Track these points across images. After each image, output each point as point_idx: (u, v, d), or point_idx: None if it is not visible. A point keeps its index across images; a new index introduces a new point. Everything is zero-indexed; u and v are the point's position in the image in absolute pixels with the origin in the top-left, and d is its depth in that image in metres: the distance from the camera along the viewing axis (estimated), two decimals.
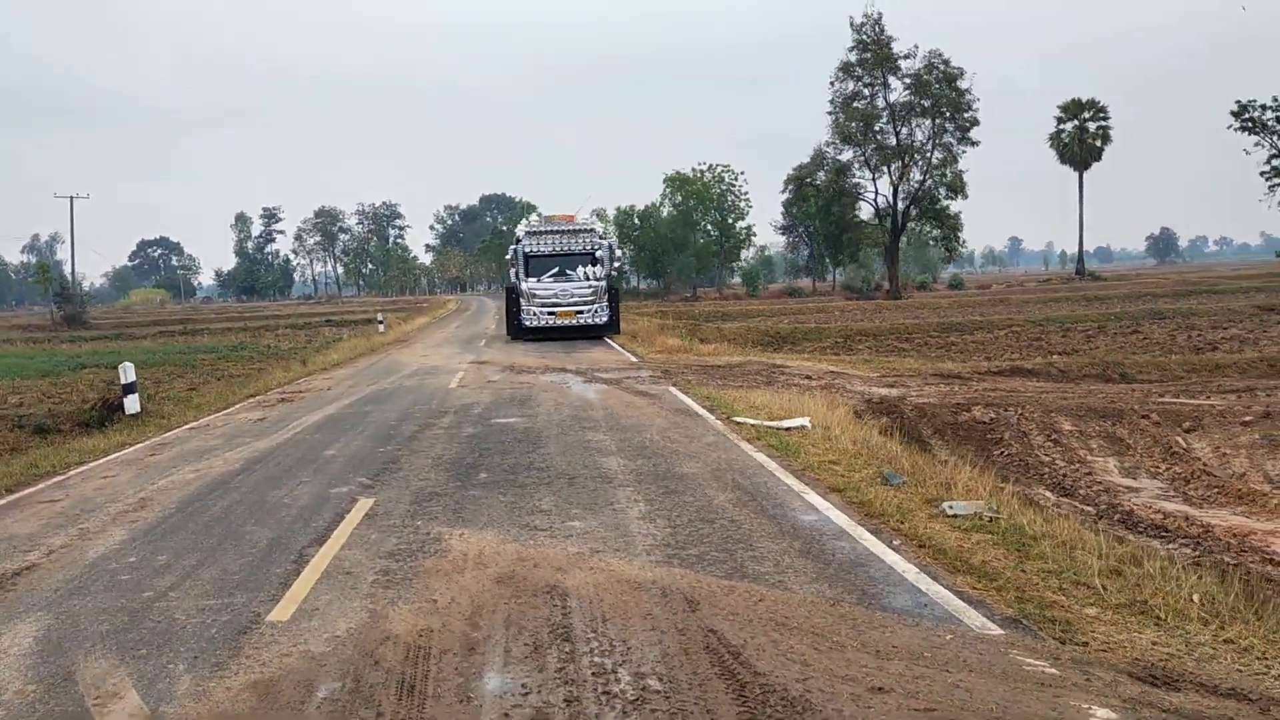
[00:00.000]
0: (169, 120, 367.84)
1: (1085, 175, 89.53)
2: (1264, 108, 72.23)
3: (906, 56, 68.36)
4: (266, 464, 11.51)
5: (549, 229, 32.36)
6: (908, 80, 68.27)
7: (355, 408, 16.63)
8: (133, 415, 16.64)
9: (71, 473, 11.91)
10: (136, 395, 16.99)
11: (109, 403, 17.43)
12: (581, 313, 31.74)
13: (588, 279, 31.82)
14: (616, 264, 32.48)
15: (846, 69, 69.79)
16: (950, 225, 69.39)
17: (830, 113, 70.46)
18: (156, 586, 6.74)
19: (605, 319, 32.11)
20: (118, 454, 13.26)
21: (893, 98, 69.33)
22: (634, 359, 24.17)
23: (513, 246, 33.67)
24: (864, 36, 68.75)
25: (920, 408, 17.60)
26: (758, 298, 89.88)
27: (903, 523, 7.48)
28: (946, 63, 67.85)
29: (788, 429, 12.57)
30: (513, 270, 33.54)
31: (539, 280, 31.75)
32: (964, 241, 73.40)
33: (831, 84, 70.48)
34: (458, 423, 14.09)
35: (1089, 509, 12.53)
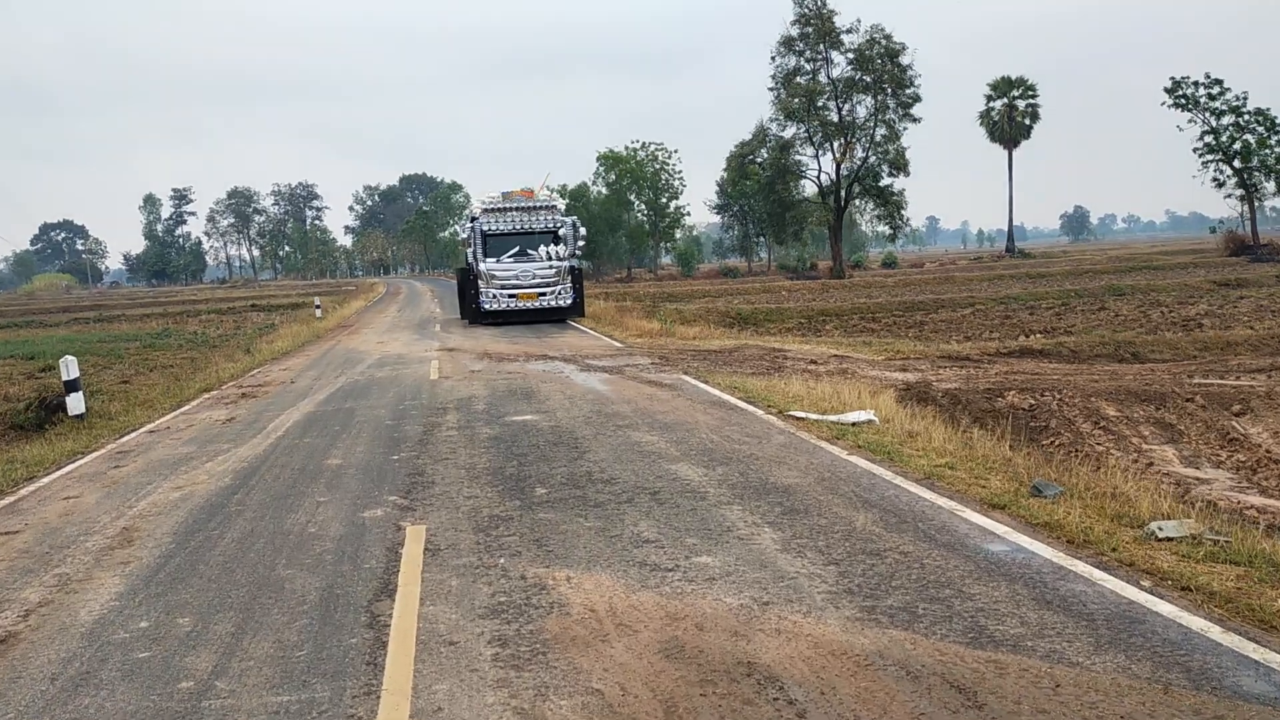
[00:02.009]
0: (70, 100, 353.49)
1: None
2: (1197, 84, 72.85)
3: (849, 31, 67.38)
4: (262, 478, 9.68)
5: (508, 206, 30.43)
6: (850, 55, 67.28)
7: (334, 404, 14.75)
8: (77, 416, 14.55)
9: (22, 492, 9.94)
10: (80, 394, 14.87)
11: (47, 402, 15.29)
12: (544, 294, 29.94)
13: (550, 259, 30.00)
14: (580, 243, 30.65)
15: (788, 43, 68.56)
16: (894, 203, 68.68)
17: (772, 88, 69.28)
18: (194, 671, 4.99)
19: (569, 301, 30.34)
20: (72, 465, 11.27)
21: (835, 73, 68.36)
22: (617, 344, 22.52)
23: (469, 224, 31.70)
24: (806, 9, 67.57)
25: (952, 394, 16.33)
26: (693, 278, 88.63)
27: (1121, 552, 6.05)
28: (889, 38, 67.02)
29: (854, 424, 11.12)
30: (469, 250, 31.59)
31: (498, 260, 29.83)
32: (908, 219, 72.84)
33: (772, 59, 69.27)
34: (467, 421, 12.35)
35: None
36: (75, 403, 14.73)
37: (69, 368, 14.76)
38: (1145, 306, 37.09)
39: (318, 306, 43.70)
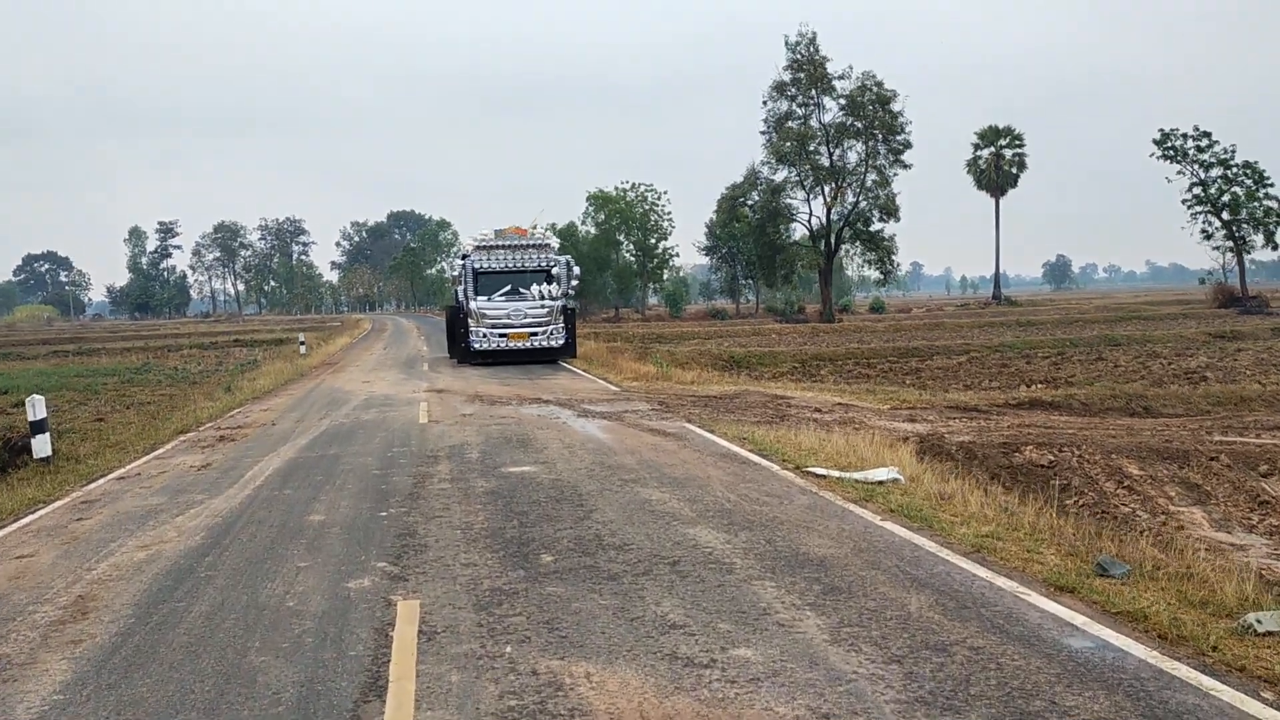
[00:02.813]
0: (56, 131, 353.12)
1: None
2: (1185, 137, 73.07)
3: (841, 77, 67.36)
4: (237, 536, 8.81)
5: (500, 243, 29.71)
6: (842, 101, 67.18)
7: (318, 450, 13.89)
8: (42, 460, 13.63)
9: None
10: (47, 435, 13.96)
11: (11, 443, 14.35)
12: (536, 334, 29.14)
13: (543, 298, 29.24)
14: (575, 282, 29.91)
15: (780, 88, 68.47)
16: (885, 248, 68.40)
17: (764, 132, 69.07)
18: None
19: (561, 342, 29.56)
20: (32, 516, 10.36)
21: (826, 118, 68.22)
22: (612, 388, 21.73)
23: (460, 261, 30.97)
24: (798, 55, 67.56)
25: (966, 447, 15.61)
26: (681, 319, 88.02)
27: (1224, 652, 5.27)
28: (880, 84, 67.01)
29: (878, 483, 10.35)
30: (459, 288, 30.82)
31: (489, 299, 29.05)
32: (898, 265, 72.54)
33: (764, 103, 69.15)
34: (460, 472, 11.51)
35: None
36: (41, 445, 13.82)
37: (36, 407, 13.85)
38: (1143, 357, 36.59)
39: (302, 343, 42.78)
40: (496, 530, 8.58)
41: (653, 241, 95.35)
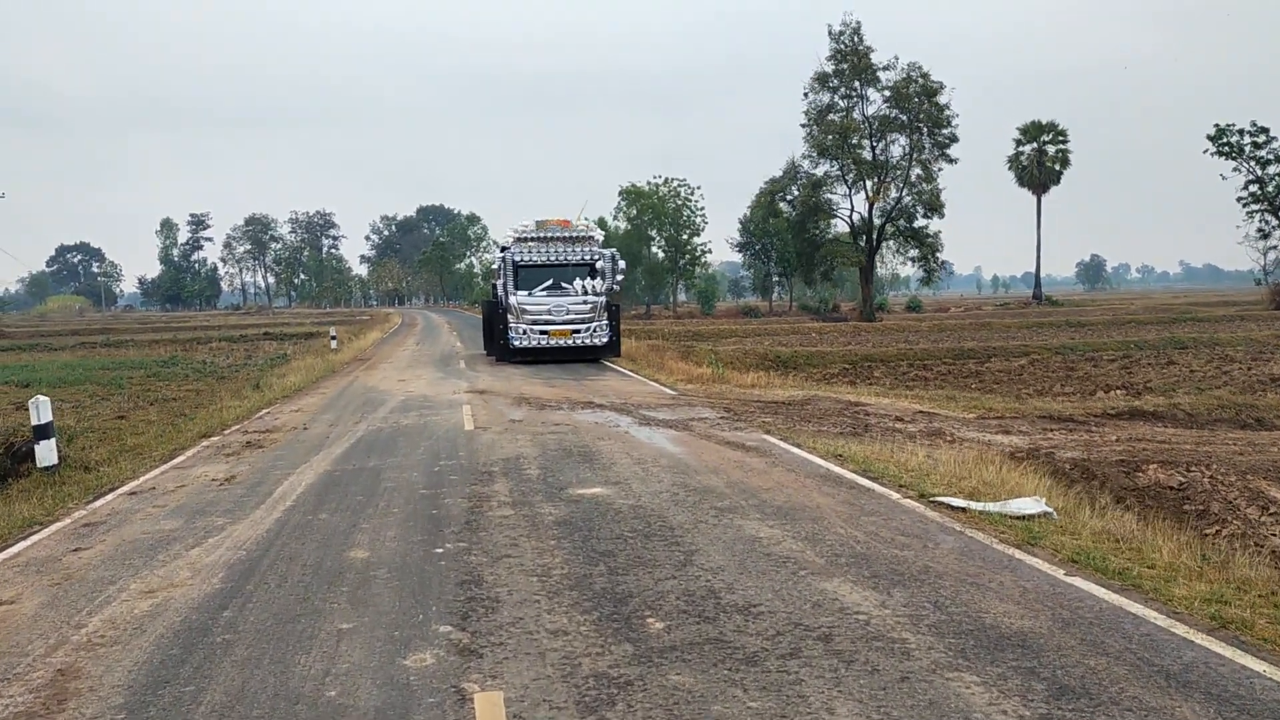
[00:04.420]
0: (89, 123, 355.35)
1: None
2: (1242, 132, 70.59)
3: (886, 68, 65.38)
4: (264, 580, 7.20)
5: (542, 235, 28.06)
6: (887, 93, 65.15)
7: (355, 461, 12.30)
8: (47, 469, 12.12)
9: None
10: (53, 441, 12.42)
11: (14, 448, 12.87)
12: (578, 331, 27.51)
13: (586, 293, 27.60)
14: (620, 277, 28.21)
15: (822, 79, 66.57)
16: (929, 245, 66.30)
17: (804, 125, 67.14)
18: None
19: (605, 340, 27.90)
20: (22, 544, 8.79)
21: (870, 110, 66.23)
22: (667, 390, 20.05)
23: (499, 254, 29.41)
24: (842, 45, 65.60)
25: (1080, 465, 13.81)
26: (713, 316, 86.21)
27: None
28: (926, 76, 64.97)
29: (1027, 515, 8.64)
30: (498, 282, 29.26)
31: (530, 294, 27.43)
32: (942, 262, 70.41)
33: (805, 95, 67.24)
34: (522, 494, 9.88)
35: None
36: (45, 452, 12.30)
37: (40, 410, 12.31)
38: (1217, 361, 34.54)
39: (333, 338, 41.34)
40: (581, 578, 6.93)
41: (685, 237, 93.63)
